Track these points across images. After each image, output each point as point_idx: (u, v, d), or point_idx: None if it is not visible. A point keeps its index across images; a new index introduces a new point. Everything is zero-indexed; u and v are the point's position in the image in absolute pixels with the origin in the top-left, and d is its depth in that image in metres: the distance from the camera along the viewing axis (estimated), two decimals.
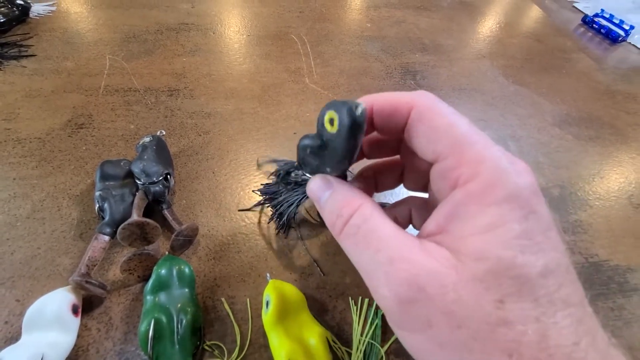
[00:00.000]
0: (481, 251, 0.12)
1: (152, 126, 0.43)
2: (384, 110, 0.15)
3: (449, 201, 0.13)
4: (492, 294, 0.12)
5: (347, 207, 0.15)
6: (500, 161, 0.13)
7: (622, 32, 0.73)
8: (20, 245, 0.31)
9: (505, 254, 0.12)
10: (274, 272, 0.32)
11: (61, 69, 0.49)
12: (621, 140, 0.51)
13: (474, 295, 0.12)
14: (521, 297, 0.12)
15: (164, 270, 0.27)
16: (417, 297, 0.12)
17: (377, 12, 0.73)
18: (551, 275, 0.12)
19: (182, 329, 0.25)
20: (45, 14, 0.59)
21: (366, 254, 0.14)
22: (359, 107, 0.14)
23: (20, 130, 0.41)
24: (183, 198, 0.36)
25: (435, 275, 0.12)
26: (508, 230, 0.12)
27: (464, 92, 0.56)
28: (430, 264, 0.13)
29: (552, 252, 0.12)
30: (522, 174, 0.13)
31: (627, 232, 0.39)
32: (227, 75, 0.52)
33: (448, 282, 0.12)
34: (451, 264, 0.12)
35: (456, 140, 0.13)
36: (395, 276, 0.13)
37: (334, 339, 0.27)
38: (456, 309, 0.12)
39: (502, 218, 0.12)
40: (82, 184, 0.36)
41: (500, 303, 0.12)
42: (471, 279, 0.12)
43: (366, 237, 0.14)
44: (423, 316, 0.12)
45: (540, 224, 0.12)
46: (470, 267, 0.12)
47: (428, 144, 0.14)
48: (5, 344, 0.26)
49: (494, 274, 0.12)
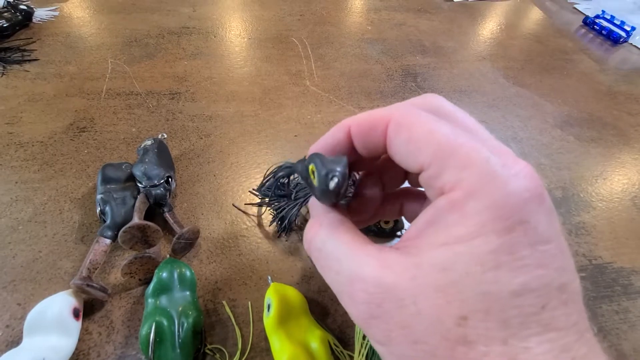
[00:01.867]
0: (449, 262, 0.11)
1: (153, 129, 0.43)
2: (361, 131, 0.15)
3: (432, 207, 0.13)
4: (455, 309, 0.11)
5: (308, 231, 0.15)
6: (487, 164, 0.12)
7: (624, 33, 0.73)
8: (21, 248, 0.31)
9: (474, 268, 0.11)
10: (275, 275, 0.32)
11: (63, 73, 0.49)
12: (623, 142, 0.51)
13: (434, 308, 0.11)
14: (488, 316, 0.11)
15: (165, 273, 0.27)
16: (375, 314, 0.12)
17: (378, 14, 0.73)
18: (530, 294, 0.11)
19: (183, 333, 0.25)
20: (48, 19, 0.59)
21: (330, 276, 0.14)
22: (333, 180, 0.13)
23: (23, 134, 0.41)
24: (184, 201, 0.36)
25: (391, 290, 0.12)
26: (484, 242, 0.11)
27: (464, 94, 0.56)
28: (386, 277, 0.12)
29: (538, 269, 0.11)
30: (515, 178, 0.11)
31: (631, 233, 0.39)
32: (228, 78, 0.53)
33: (406, 295, 0.12)
34: (410, 275, 0.12)
35: (438, 147, 0.12)
36: (355, 297, 0.13)
37: (335, 342, 0.27)
38: (415, 324, 0.11)
39: (481, 229, 0.11)
40: (83, 187, 0.36)
41: (463, 320, 0.11)
42: (433, 291, 0.11)
43: (327, 260, 0.14)
44: (383, 331, 0.12)
45: (529, 237, 0.11)
46: (433, 278, 0.11)
47: (409, 156, 0.13)
48: (6, 348, 0.26)
49: (458, 287, 0.11)
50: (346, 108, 0.50)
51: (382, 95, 0.53)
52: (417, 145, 0.13)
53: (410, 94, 0.54)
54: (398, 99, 0.53)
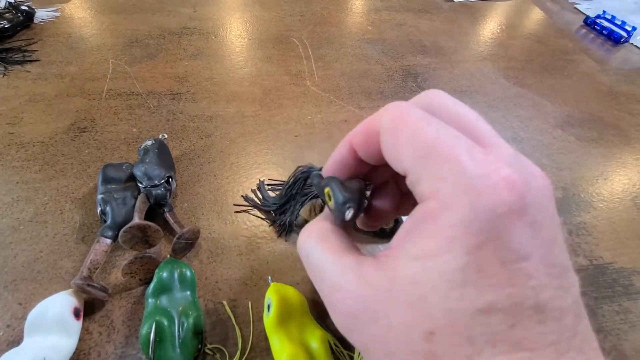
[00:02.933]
0: (418, 277, 0.11)
1: (154, 129, 0.43)
2: (360, 143, 0.14)
3: (410, 217, 0.12)
4: (422, 323, 0.11)
5: (300, 236, 0.16)
6: (464, 174, 0.11)
7: (625, 33, 0.73)
8: (22, 248, 0.31)
9: (441, 284, 0.11)
10: (275, 275, 0.32)
11: (64, 74, 0.50)
12: (624, 142, 0.51)
13: (404, 322, 0.11)
14: (453, 332, 0.11)
15: (166, 273, 0.27)
16: (353, 325, 0.13)
17: (378, 15, 0.73)
18: (498, 313, 0.11)
19: (183, 332, 0.25)
20: (49, 20, 0.60)
21: (316, 283, 0.14)
22: (349, 211, 0.14)
23: (24, 134, 0.41)
24: (185, 201, 0.36)
25: (367, 303, 0.12)
26: (452, 258, 0.11)
27: (465, 94, 0.56)
28: (362, 290, 0.12)
29: (507, 288, 0.11)
30: (492, 189, 0.11)
31: (632, 234, 0.39)
32: (229, 78, 0.53)
33: (379, 308, 0.12)
34: (384, 289, 0.12)
35: (418, 152, 0.12)
36: (335, 306, 0.13)
37: (335, 342, 0.27)
38: (387, 336, 0.12)
39: (450, 244, 0.11)
40: (84, 188, 0.36)
41: (430, 335, 0.11)
42: (403, 305, 0.11)
43: (313, 268, 0.14)
44: (361, 342, 0.13)
45: (498, 254, 0.11)
46: (404, 292, 0.11)
47: (395, 161, 0.13)
48: (7, 347, 0.26)
49: (425, 302, 0.11)
50: (347, 108, 0.50)
51: (383, 95, 0.53)
52: (401, 149, 0.13)
53: (411, 94, 0.54)
54: (398, 99, 0.53)
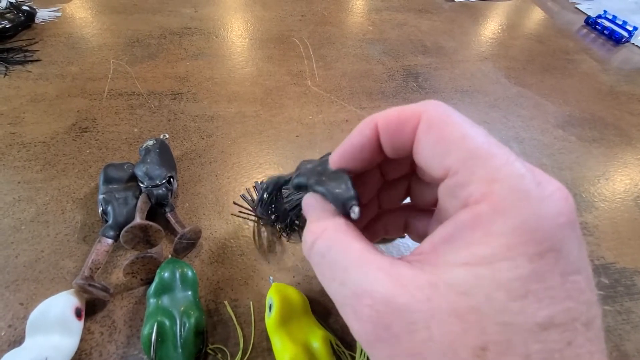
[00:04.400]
0: (469, 285, 0.10)
1: (155, 129, 0.43)
2: (389, 127, 0.13)
3: (452, 221, 0.11)
4: (472, 338, 0.10)
5: (309, 235, 0.14)
6: (521, 180, 0.11)
7: (626, 33, 0.73)
8: (24, 248, 0.31)
9: (497, 294, 0.10)
10: (277, 275, 0.32)
11: (66, 74, 0.50)
12: (626, 142, 0.51)
13: (449, 336, 0.10)
14: (509, 349, 0.10)
15: (167, 273, 0.27)
16: (382, 336, 0.11)
17: (379, 15, 0.73)
18: (556, 329, 0.10)
19: (185, 332, 0.25)
20: (50, 20, 0.60)
21: (332, 286, 0.13)
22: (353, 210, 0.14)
23: (25, 134, 0.41)
24: (186, 201, 0.36)
25: (402, 311, 0.11)
26: (513, 267, 0.10)
27: (466, 94, 0.56)
28: (397, 296, 0.11)
29: (566, 301, 0.10)
30: (550, 199, 0.10)
31: (633, 234, 0.39)
32: (230, 78, 0.53)
33: (418, 319, 0.10)
34: (425, 296, 0.11)
35: (469, 153, 0.11)
36: (361, 313, 0.11)
37: (337, 342, 0.27)
38: (425, 352, 0.10)
39: (508, 251, 0.10)
40: (85, 187, 0.36)
41: (482, 351, 0.10)
42: (448, 316, 0.10)
43: (331, 267, 0.13)
44: (389, 356, 0.11)
45: (560, 265, 0.10)
46: (450, 301, 0.10)
47: (436, 158, 0.12)
48: (9, 347, 0.26)
49: (477, 314, 0.10)
50: (347, 108, 0.50)
51: (384, 95, 0.53)
52: (447, 147, 0.12)
53: (412, 94, 0.54)
54: (399, 99, 0.53)
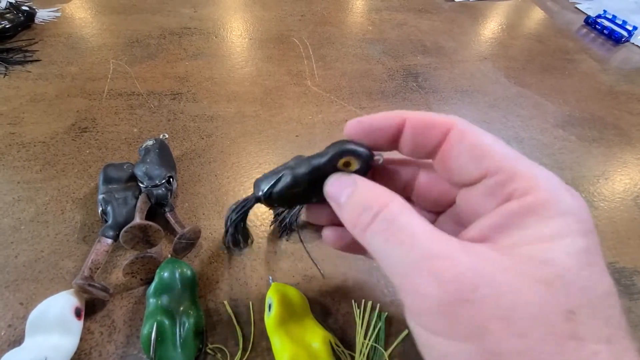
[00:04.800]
0: (546, 257, 0.11)
1: (155, 129, 0.43)
2: (418, 127, 0.15)
3: (499, 212, 0.13)
4: (561, 302, 0.10)
5: (376, 201, 0.14)
6: (553, 179, 0.13)
7: (625, 32, 0.73)
8: (24, 248, 0.31)
9: (571, 264, 0.11)
10: (276, 275, 0.32)
11: (65, 74, 0.50)
12: (625, 141, 0.51)
13: (538, 300, 0.10)
14: (594, 313, 0.10)
15: (167, 273, 0.27)
16: (469, 298, 0.11)
17: (379, 15, 0.73)
18: (614, 297, 0.11)
19: (184, 332, 0.25)
20: (50, 20, 0.60)
21: (399, 251, 0.12)
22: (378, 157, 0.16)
23: (25, 134, 0.41)
24: (185, 201, 0.36)
25: (485, 275, 0.11)
26: (573, 242, 0.11)
27: (465, 94, 0.56)
28: (478, 264, 0.11)
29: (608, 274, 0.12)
30: (575, 194, 0.13)
31: (633, 233, 0.39)
32: (229, 78, 0.53)
33: (503, 283, 0.11)
34: (503, 266, 0.11)
35: (504, 156, 0.13)
36: (443, 274, 0.11)
37: (337, 342, 0.27)
38: (515, 315, 0.10)
39: (566, 229, 0.11)
40: (85, 187, 0.36)
41: (571, 314, 0.10)
42: (534, 282, 0.11)
43: (399, 233, 0.13)
44: (475, 321, 0.11)
45: (597, 245, 0.12)
46: (532, 270, 0.11)
47: (472, 162, 0.14)
48: (8, 347, 0.26)
49: (562, 280, 0.11)
50: (347, 108, 0.50)
51: (384, 95, 0.53)
52: (483, 152, 0.13)
53: (412, 93, 0.54)
54: (399, 99, 0.53)
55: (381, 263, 0.13)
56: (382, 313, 0.29)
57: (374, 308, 0.30)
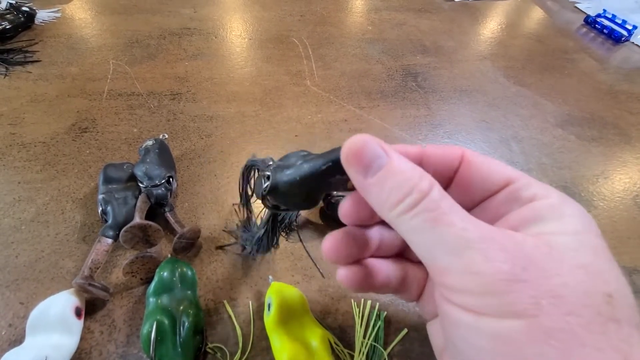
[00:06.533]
0: (577, 245, 0.12)
1: (154, 130, 0.43)
2: (438, 153, 0.16)
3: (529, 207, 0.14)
4: (600, 285, 0.11)
5: (422, 181, 0.13)
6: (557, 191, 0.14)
7: (625, 32, 0.73)
8: (24, 248, 0.31)
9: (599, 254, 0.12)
10: (276, 275, 0.32)
11: (65, 74, 0.50)
12: (625, 141, 0.51)
13: (581, 282, 0.11)
14: (626, 298, 0.11)
15: (167, 272, 0.27)
16: (523, 277, 0.11)
17: (378, 14, 0.74)
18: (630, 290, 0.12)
19: (184, 332, 0.25)
20: (50, 20, 0.60)
21: (450, 231, 0.12)
22: None
23: (25, 134, 0.41)
24: (185, 201, 0.36)
25: (533, 258, 0.12)
26: (589, 239, 0.12)
27: (465, 94, 0.56)
28: (524, 247, 0.12)
29: None
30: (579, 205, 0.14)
31: (632, 233, 0.39)
32: (229, 78, 0.53)
33: (550, 267, 0.11)
34: (544, 251, 0.12)
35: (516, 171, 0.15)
36: (495, 255, 0.11)
37: (336, 341, 0.27)
38: (566, 294, 0.11)
39: (584, 227, 0.13)
40: (85, 188, 0.36)
41: (610, 297, 0.11)
42: (575, 267, 0.11)
43: (448, 214, 0.12)
44: (531, 298, 0.11)
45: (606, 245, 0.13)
46: (569, 255, 0.12)
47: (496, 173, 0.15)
48: (9, 347, 0.26)
49: (597, 267, 0.12)
50: (347, 108, 0.50)
51: (383, 95, 0.53)
52: (500, 164, 0.16)
53: (411, 93, 0.54)
54: (398, 98, 0.53)
55: (420, 242, 0.13)
56: (382, 312, 0.29)
57: (373, 307, 0.30)
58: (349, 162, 0.14)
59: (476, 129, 0.50)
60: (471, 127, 0.50)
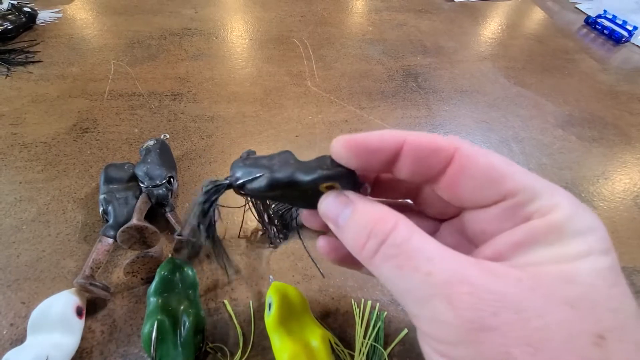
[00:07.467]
0: (572, 276, 0.10)
1: (155, 130, 0.44)
2: (419, 150, 0.13)
3: (521, 230, 0.12)
4: (589, 325, 0.10)
5: (381, 224, 0.13)
6: (572, 197, 0.12)
7: (626, 32, 0.73)
8: (25, 248, 0.31)
9: (599, 282, 0.10)
10: (276, 275, 0.32)
11: (67, 75, 0.50)
12: (625, 141, 0.51)
13: (566, 324, 0.10)
14: (624, 336, 0.10)
15: (167, 272, 0.27)
16: (490, 325, 0.10)
17: (379, 15, 0.74)
18: None
19: (185, 331, 0.25)
20: (52, 21, 0.60)
21: (414, 278, 0.11)
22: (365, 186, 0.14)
23: (27, 134, 0.41)
24: (186, 201, 0.37)
25: (508, 299, 0.10)
26: (597, 260, 0.11)
27: (465, 94, 0.56)
28: (499, 285, 0.11)
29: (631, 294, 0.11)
30: (593, 213, 0.12)
31: (632, 233, 0.39)
32: (230, 79, 0.53)
33: (528, 307, 0.10)
34: (527, 287, 0.10)
35: (523, 175, 0.12)
36: (459, 300, 0.11)
37: (336, 341, 0.27)
38: (543, 340, 0.10)
39: (589, 247, 0.11)
40: (86, 188, 0.37)
41: (600, 339, 0.10)
42: (561, 304, 0.10)
43: (412, 257, 0.12)
44: (500, 347, 0.10)
45: (618, 263, 0.11)
46: (559, 290, 0.10)
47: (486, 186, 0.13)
48: (10, 346, 0.26)
49: (589, 301, 0.10)
50: (347, 108, 0.50)
51: (383, 95, 0.53)
52: (499, 174, 0.12)
53: (411, 94, 0.54)
54: (399, 99, 0.53)
55: (393, 289, 0.12)
56: (382, 312, 0.30)
57: (374, 307, 0.30)
58: (324, 217, 0.15)
59: (476, 130, 0.50)
60: (471, 127, 0.50)
